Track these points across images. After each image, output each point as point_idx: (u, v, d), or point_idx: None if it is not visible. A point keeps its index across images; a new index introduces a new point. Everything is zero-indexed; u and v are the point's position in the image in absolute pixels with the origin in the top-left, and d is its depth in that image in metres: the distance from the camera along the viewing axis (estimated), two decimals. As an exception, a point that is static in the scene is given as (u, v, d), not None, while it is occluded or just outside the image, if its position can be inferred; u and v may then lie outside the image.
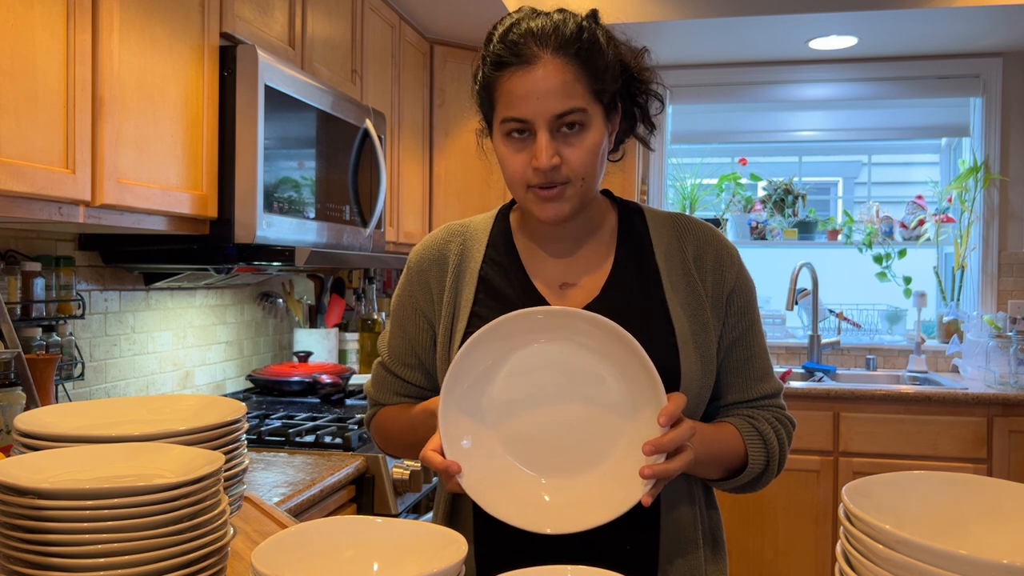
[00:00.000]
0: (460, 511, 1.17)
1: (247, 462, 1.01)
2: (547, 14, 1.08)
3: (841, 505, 0.67)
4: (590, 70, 1.05)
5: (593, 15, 1.12)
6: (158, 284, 2.25)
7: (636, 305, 1.11)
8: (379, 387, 1.27)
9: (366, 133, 2.42)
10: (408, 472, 2.01)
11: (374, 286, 3.37)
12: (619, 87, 1.11)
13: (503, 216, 1.22)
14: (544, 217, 1.08)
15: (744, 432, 1.14)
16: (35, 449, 0.85)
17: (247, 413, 1.32)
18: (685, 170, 4.10)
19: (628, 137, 1.21)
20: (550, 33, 1.04)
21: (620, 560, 1.09)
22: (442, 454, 0.98)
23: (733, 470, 1.14)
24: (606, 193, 1.23)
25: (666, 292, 1.12)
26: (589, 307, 1.11)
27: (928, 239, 3.86)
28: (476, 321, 1.10)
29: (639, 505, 0.96)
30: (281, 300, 2.94)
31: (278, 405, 2.53)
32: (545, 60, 1.03)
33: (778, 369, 3.69)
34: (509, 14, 1.11)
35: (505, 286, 1.15)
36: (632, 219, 1.19)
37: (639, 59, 1.15)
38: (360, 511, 1.96)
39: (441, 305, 1.18)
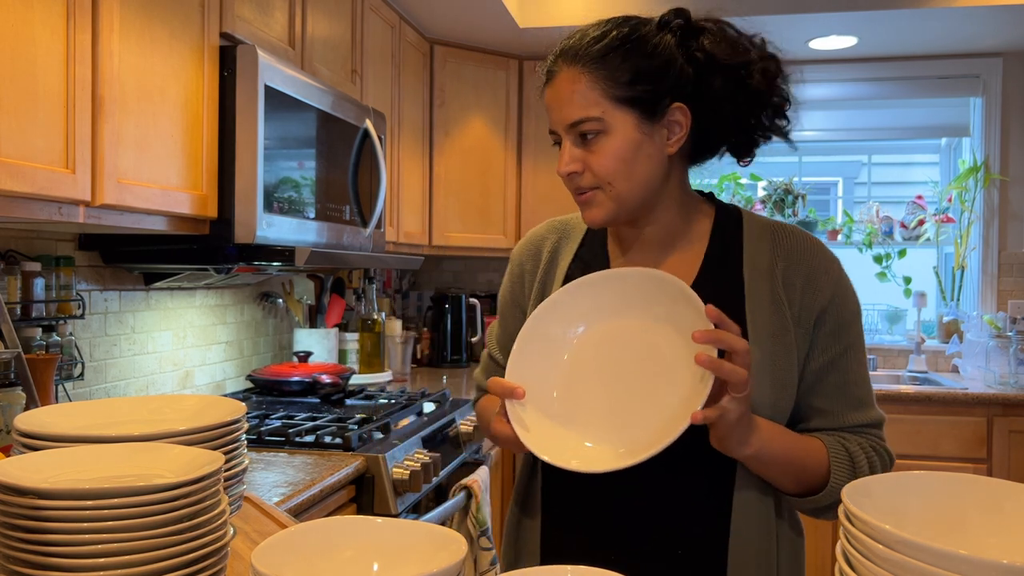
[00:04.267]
0: (532, 484, 1.20)
1: (247, 462, 1.01)
2: (592, 26, 1.09)
3: (841, 505, 0.67)
4: (607, 77, 1.04)
5: (668, 17, 1.10)
6: (158, 284, 2.25)
7: None
8: (482, 373, 1.32)
9: (366, 133, 2.42)
10: (408, 472, 2.01)
11: (374, 286, 3.37)
12: (682, 86, 1.06)
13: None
14: (586, 221, 1.11)
15: (831, 448, 1.07)
16: (35, 449, 0.85)
17: (247, 413, 1.32)
18: (685, 170, 4.10)
19: (747, 138, 1.15)
20: (570, 46, 1.07)
21: (680, 564, 1.08)
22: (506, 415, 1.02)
23: (811, 485, 1.07)
24: (709, 196, 1.21)
25: (747, 309, 1.08)
26: None
27: (928, 239, 3.86)
28: None
29: (705, 510, 1.03)
30: (281, 300, 2.94)
31: (278, 405, 2.53)
32: (561, 72, 1.07)
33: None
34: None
35: None
36: (728, 226, 1.16)
37: (744, 54, 1.10)
38: (360, 511, 1.96)
39: (531, 295, 1.21)
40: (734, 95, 1.08)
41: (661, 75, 1.05)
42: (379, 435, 2.19)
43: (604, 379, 1.03)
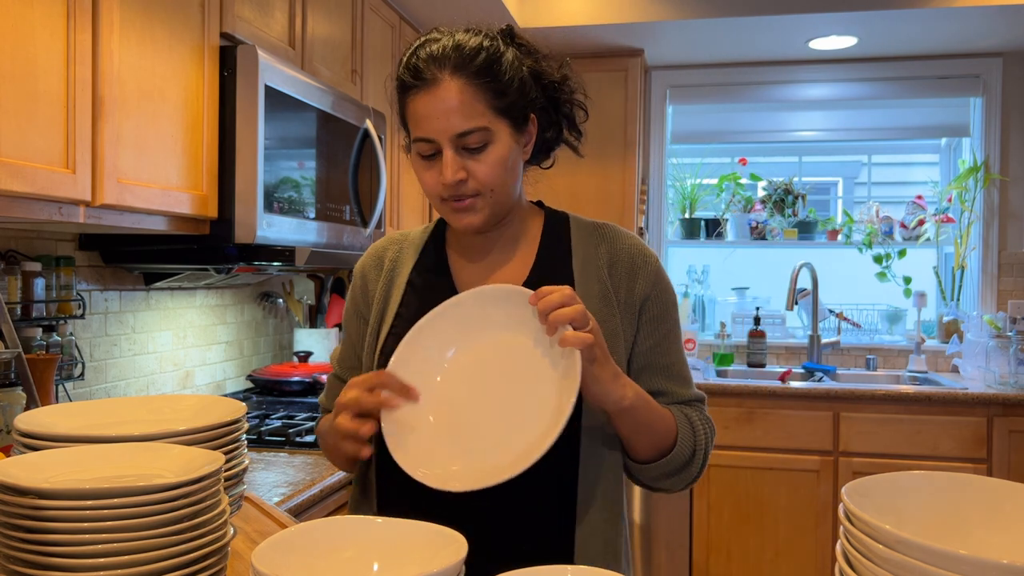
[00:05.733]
0: (367, 483, 1.20)
1: (247, 462, 1.01)
2: (451, 35, 1.13)
3: (841, 505, 0.67)
4: (491, 88, 1.09)
5: (505, 32, 1.17)
6: (158, 284, 2.25)
7: None
8: (327, 393, 1.32)
9: (366, 133, 2.42)
10: (408, 472, 2.01)
11: (374, 286, 3.37)
12: (533, 99, 1.15)
13: (439, 226, 1.28)
14: (458, 227, 1.16)
15: (676, 415, 1.15)
16: (35, 449, 0.86)
17: (247, 413, 1.32)
18: (685, 170, 4.10)
19: (559, 145, 1.24)
20: (449, 55, 1.09)
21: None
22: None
23: (662, 448, 1.13)
24: (538, 204, 1.27)
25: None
26: None
27: (928, 239, 3.86)
28: (399, 320, 1.17)
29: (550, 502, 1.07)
30: (281, 300, 2.94)
31: (278, 405, 2.53)
32: (445, 81, 1.08)
33: (778, 369, 3.69)
34: (418, 37, 1.17)
35: (430, 289, 1.20)
36: (557, 228, 1.23)
37: (560, 71, 1.19)
38: (360, 511, 1.96)
39: (373, 303, 1.24)
40: (562, 103, 1.18)
41: (525, 87, 1.13)
42: (379, 435, 2.18)
43: (476, 400, 1.05)
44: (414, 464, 1.00)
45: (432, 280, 1.21)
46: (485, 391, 1.05)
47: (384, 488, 1.17)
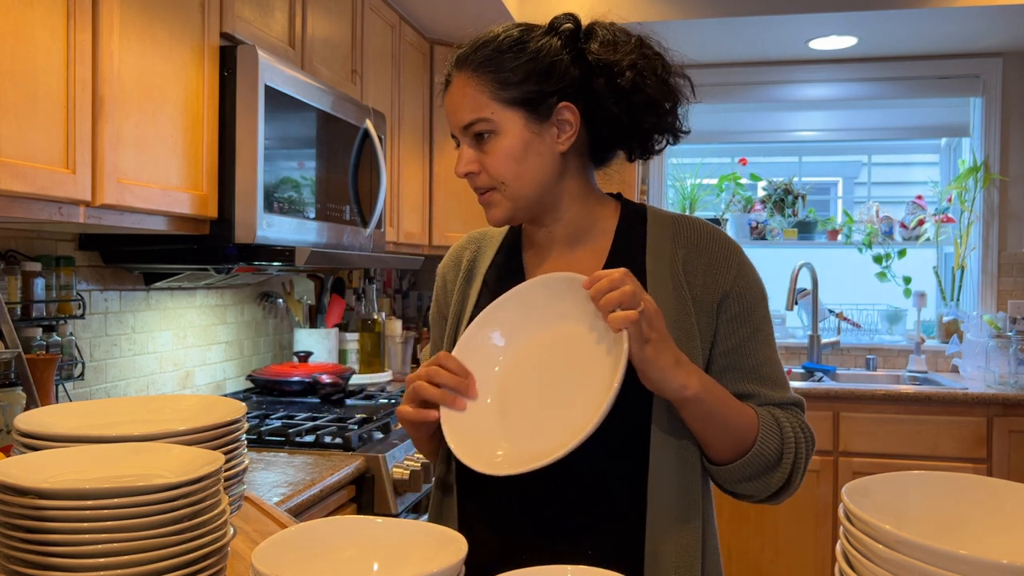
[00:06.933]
0: (446, 502, 1.19)
1: (247, 462, 1.01)
2: (487, 32, 1.13)
3: (841, 505, 0.67)
4: (495, 80, 1.09)
5: (560, 20, 1.14)
6: (158, 284, 2.25)
7: None
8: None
9: (366, 133, 2.42)
10: (408, 472, 2.02)
11: (374, 286, 3.37)
12: (564, 89, 1.10)
13: (519, 224, 1.25)
14: (488, 221, 1.15)
15: (760, 414, 1.08)
16: (35, 449, 0.85)
17: (247, 413, 1.32)
18: (685, 170, 4.10)
19: (623, 142, 1.18)
20: (461, 53, 1.12)
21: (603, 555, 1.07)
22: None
23: (740, 448, 1.06)
24: (617, 196, 1.23)
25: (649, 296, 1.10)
26: None
27: (928, 239, 3.86)
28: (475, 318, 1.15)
29: (618, 508, 1.04)
30: (281, 300, 2.94)
31: (278, 405, 2.53)
32: (454, 77, 1.12)
33: (778, 369, 3.69)
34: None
35: (504, 288, 1.17)
36: (633, 221, 1.18)
37: (632, 63, 1.11)
38: (360, 511, 1.96)
39: (452, 303, 1.24)
40: (614, 94, 1.11)
41: (545, 76, 1.09)
42: (379, 435, 2.19)
43: (532, 389, 1.05)
44: (464, 450, 1.01)
45: (506, 278, 1.19)
46: (541, 379, 1.05)
47: (464, 488, 1.16)
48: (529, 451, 0.99)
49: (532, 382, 1.05)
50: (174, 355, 2.39)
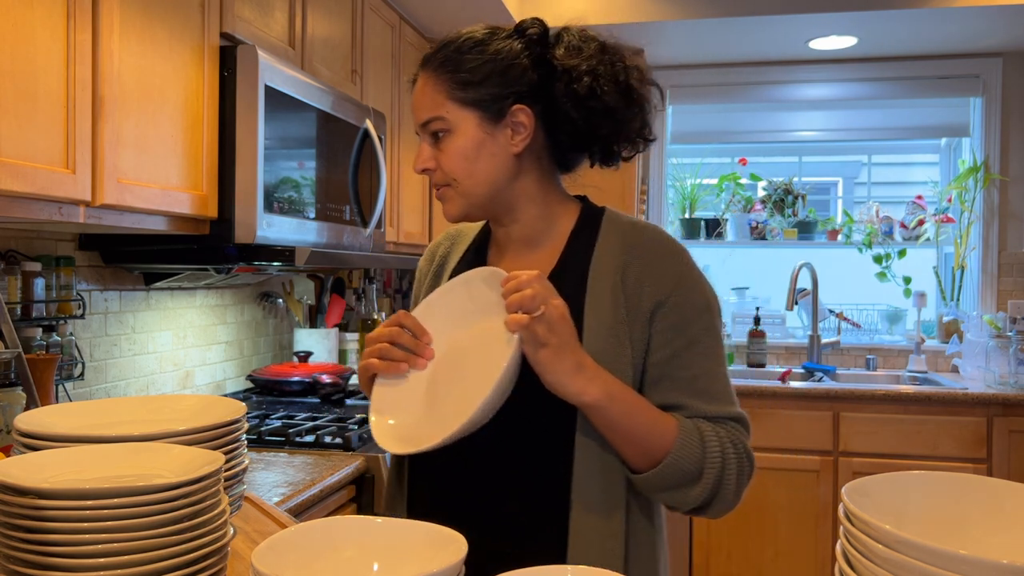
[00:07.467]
0: (401, 464, 1.23)
1: (247, 462, 1.01)
2: (453, 33, 1.17)
3: (841, 505, 0.67)
4: (452, 80, 1.11)
5: (524, 25, 1.17)
6: (158, 284, 2.25)
7: None
8: None
9: (366, 133, 2.42)
10: (408, 472, 2.01)
11: (374, 286, 3.37)
12: (521, 92, 1.11)
13: (478, 222, 1.29)
14: (444, 216, 1.19)
15: (682, 425, 1.06)
16: (35, 449, 0.85)
17: (247, 413, 1.32)
18: (685, 170, 4.10)
19: (584, 150, 1.18)
20: (427, 54, 1.16)
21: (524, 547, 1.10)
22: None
23: (654, 458, 1.05)
24: (582, 199, 1.24)
25: (586, 305, 1.10)
26: None
27: (928, 239, 3.86)
28: None
29: (544, 493, 1.08)
30: (281, 300, 2.94)
31: (278, 405, 2.53)
32: (419, 76, 1.16)
33: (778, 369, 3.69)
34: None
35: None
36: (589, 226, 1.18)
37: (567, 62, 1.12)
38: (360, 511, 1.96)
39: (422, 297, 1.28)
40: (571, 99, 1.11)
41: (503, 77, 1.11)
42: (379, 435, 2.18)
43: (445, 378, 1.09)
44: (377, 416, 1.08)
45: None
46: (453, 370, 1.08)
47: (415, 482, 1.20)
48: (415, 433, 1.04)
49: (445, 373, 1.09)
50: (174, 355, 2.39)
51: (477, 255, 1.25)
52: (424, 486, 1.19)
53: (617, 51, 1.14)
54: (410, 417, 1.08)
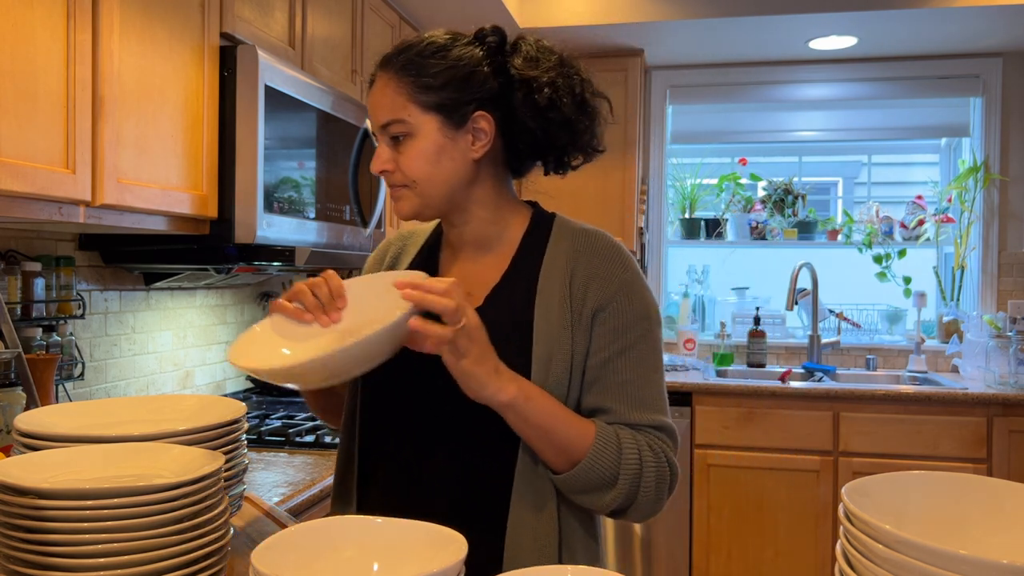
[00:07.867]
0: (348, 476, 1.22)
1: (247, 462, 1.01)
2: (416, 37, 1.16)
3: (841, 505, 0.67)
4: (414, 84, 1.11)
5: (485, 32, 1.16)
6: (158, 284, 2.25)
7: (509, 320, 1.13)
8: None
9: (366, 133, 2.42)
10: (408, 472, 2.01)
11: (374, 286, 3.37)
12: (481, 99, 1.12)
13: (441, 224, 1.28)
14: (396, 214, 1.20)
15: (600, 430, 1.08)
16: (35, 449, 0.86)
17: (247, 413, 1.32)
18: (685, 170, 4.10)
19: (540, 157, 1.20)
20: (388, 54, 1.14)
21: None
22: None
23: (572, 460, 1.07)
24: (532, 204, 1.25)
25: (536, 308, 1.13)
26: None
27: (928, 239, 3.86)
28: None
29: (488, 496, 1.09)
30: (281, 300, 2.94)
31: (278, 405, 2.53)
32: (377, 77, 1.15)
33: (778, 369, 3.69)
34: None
35: None
36: (539, 232, 1.20)
37: (551, 81, 1.13)
38: (360, 511, 1.96)
39: None
40: (531, 109, 1.13)
41: (464, 84, 1.11)
42: (379, 435, 2.18)
43: (333, 339, 1.08)
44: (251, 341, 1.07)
45: None
46: (341, 339, 1.06)
47: (363, 458, 1.20)
48: (271, 355, 1.03)
49: (334, 338, 1.08)
50: (174, 355, 2.39)
51: (429, 257, 1.26)
52: (377, 463, 1.19)
53: (573, 64, 1.17)
54: (282, 344, 1.07)
